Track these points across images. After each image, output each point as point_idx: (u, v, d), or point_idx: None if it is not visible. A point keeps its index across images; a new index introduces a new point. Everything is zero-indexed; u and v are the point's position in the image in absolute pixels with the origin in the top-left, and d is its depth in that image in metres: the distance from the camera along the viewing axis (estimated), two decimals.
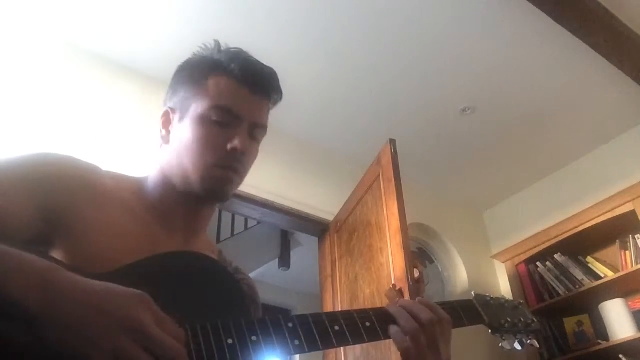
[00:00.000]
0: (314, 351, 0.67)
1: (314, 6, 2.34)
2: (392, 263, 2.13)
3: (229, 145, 0.77)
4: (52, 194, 0.67)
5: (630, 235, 2.85)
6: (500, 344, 0.88)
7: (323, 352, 2.64)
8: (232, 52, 0.83)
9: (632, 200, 2.77)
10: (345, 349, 2.38)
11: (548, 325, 3.01)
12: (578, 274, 2.98)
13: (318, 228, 2.97)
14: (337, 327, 0.69)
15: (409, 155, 2.77)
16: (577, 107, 3.01)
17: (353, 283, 2.50)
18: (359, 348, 2.26)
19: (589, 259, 3.07)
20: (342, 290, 2.62)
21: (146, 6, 2.28)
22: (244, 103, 0.80)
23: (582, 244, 3.06)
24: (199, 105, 0.79)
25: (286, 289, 5.02)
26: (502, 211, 3.85)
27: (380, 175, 2.38)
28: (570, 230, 3.03)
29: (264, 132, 0.84)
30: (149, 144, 0.96)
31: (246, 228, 4.54)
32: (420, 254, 3.51)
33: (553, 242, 3.10)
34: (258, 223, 4.29)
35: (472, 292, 0.91)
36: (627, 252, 2.88)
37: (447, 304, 0.84)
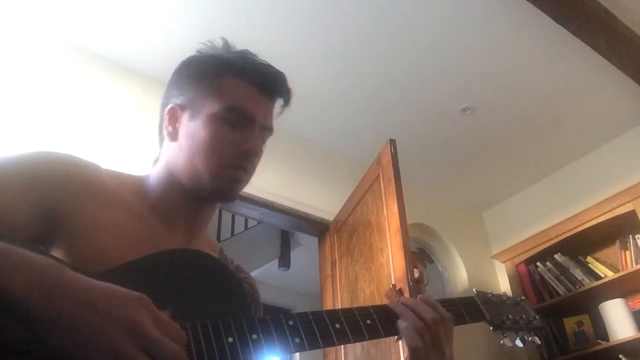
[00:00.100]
0: (314, 349, 0.67)
1: (315, 7, 2.34)
2: (392, 263, 2.13)
3: (242, 146, 0.78)
4: (51, 192, 0.67)
5: (630, 235, 2.85)
6: (502, 341, 0.88)
7: (323, 351, 2.64)
8: (242, 53, 0.84)
9: (632, 200, 2.77)
10: (345, 348, 2.38)
11: (548, 325, 3.01)
12: (578, 274, 2.98)
13: (318, 228, 2.96)
14: (337, 325, 0.69)
15: (409, 155, 2.77)
16: (577, 107, 3.01)
17: (353, 283, 2.49)
18: (359, 347, 2.26)
19: (589, 259, 3.07)
20: (342, 290, 2.62)
21: (146, 6, 2.28)
22: (256, 105, 0.81)
23: (582, 244, 3.06)
24: (212, 104, 0.79)
25: (286, 289, 5.01)
26: (502, 211, 3.85)
27: (380, 175, 2.38)
28: (570, 230, 3.03)
29: (270, 134, 0.85)
30: (148, 143, 0.95)
31: (246, 228, 4.54)
32: (420, 254, 3.51)
33: (553, 242, 3.10)
34: (258, 223, 4.29)
35: (474, 289, 0.90)
36: (627, 252, 2.88)
37: (448, 301, 0.84)
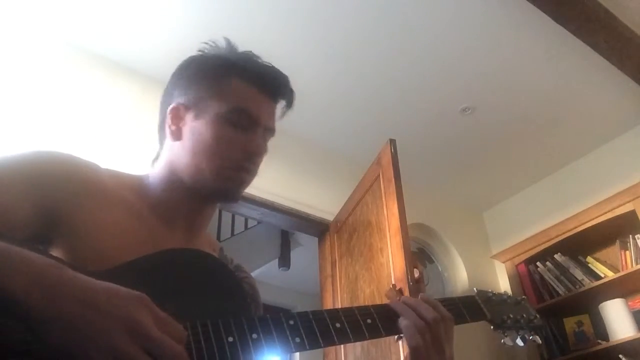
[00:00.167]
0: (315, 348, 0.67)
1: (315, 7, 2.34)
2: (392, 263, 2.13)
3: (247, 148, 0.79)
4: (51, 192, 0.67)
5: (630, 235, 2.85)
6: (503, 340, 0.88)
7: (323, 350, 2.64)
8: (246, 54, 0.84)
9: (632, 200, 2.77)
10: (345, 348, 2.38)
11: (548, 325, 3.01)
12: (578, 274, 2.98)
13: (318, 228, 2.96)
14: (338, 325, 0.69)
15: (409, 155, 2.77)
16: (577, 107, 3.01)
17: (353, 283, 2.49)
18: (359, 347, 2.26)
19: (589, 259, 3.07)
20: (342, 290, 2.62)
21: (146, 6, 2.28)
22: (260, 107, 0.82)
23: (582, 244, 3.06)
24: (217, 105, 0.79)
25: (286, 289, 5.01)
26: (502, 211, 3.85)
27: (380, 175, 2.38)
28: (570, 230, 3.03)
29: (272, 135, 0.86)
30: (148, 143, 0.95)
31: (246, 228, 4.54)
32: (420, 254, 3.51)
33: (553, 242, 3.10)
34: (258, 223, 4.29)
35: (474, 288, 0.90)
36: (627, 252, 2.88)
37: (449, 300, 0.84)
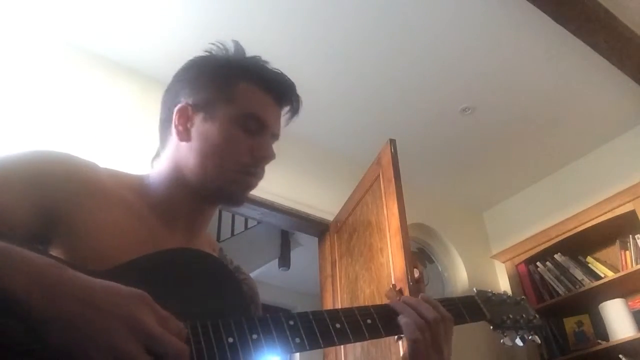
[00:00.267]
0: (315, 349, 0.67)
1: (315, 7, 2.34)
2: (392, 263, 2.13)
3: (256, 152, 0.80)
4: (51, 192, 0.67)
5: (630, 235, 2.85)
6: (502, 340, 0.88)
7: (323, 351, 2.64)
8: (256, 59, 0.85)
9: (632, 200, 2.77)
10: (345, 348, 2.38)
11: (548, 325, 3.01)
12: (578, 274, 2.98)
13: (318, 228, 2.96)
14: (338, 325, 0.69)
15: (409, 155, 2.77)
16: (577, 107, 3.01)
17: (353, 283, 2.49)
18: (359, 347, 2.25)
19: (589, 259, 3.07)
20: (342, 290, 2.62)
21: (146, 6, 2.28)
22: (270, 112, 0.83)
23: (582, 244, 3.06)
24: (228, 108, 0.80)
25: (286, 289, 5.01)
26: (502, 211, 3.85)
27: (380, 175, 2.38)
28: (570, 230, 3.03)
29: (276, 140, 0.87)
30: (148, 143, 0.95)
31: (246, 228, 4.53)
32: (420, 254, 3.51)
33: (553, 242, 3.10)
34: (258, 223, 4.29)
35: (474, 288, 0.91)
36: (627, 252, 2.88)
37: (448, 300, 0.84)
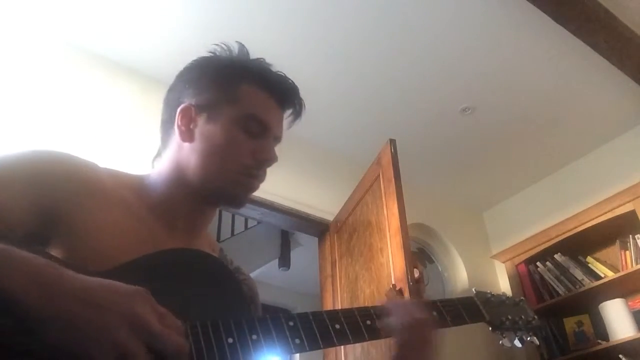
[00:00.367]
0: (314, 350, 0.67)
1: (315, 7, 2.34)
2: (392, 263, 2.13)
3: (258, 155, 0.80)
4: (51, 191, 0.67)
5: (630, 235, 2.85)
6: (501, 341, 0.88)
7: (323, 351, 2.64)
8: (260, 62, 0.85)
9: (632, 200, 2.77)
10: (345, 349, 2.38)
11: (548, 325, 3.01)
12: (578, 274, 2.98)
13: (318, 228, 2.96)
14: (337, 326, 0.69)
15: (409, 155, 2.77)
16: (577, 107, 3.01)
17: (353, 283, 2.49)
18: (359, 347, 2.25)
19: (589, 259, 3.07)
20: (342, 290, 2.62)
21: (146, 6, 2.28)
22: (273, 115, 0.83)
23: (582, 244, 3.06)
24: (232, 110, 0.80)
25: (286, 289, 5.01)
26: (502, 211, 3.85)
27: (380, 175, 2.38)
28: (570, 230, 3.03)
29: (279, 142, 0.87)
30: (148, 143, 0.95)
31: (246, 228, 4.53)
32: (420, 254, 3.51)
33: (553, 242, 3.10)
34: (258, 223, 4.28)
35: (473, 289, 0.91)
36: (627, 252, 2.87)
37: (447, 301, 0.84)
